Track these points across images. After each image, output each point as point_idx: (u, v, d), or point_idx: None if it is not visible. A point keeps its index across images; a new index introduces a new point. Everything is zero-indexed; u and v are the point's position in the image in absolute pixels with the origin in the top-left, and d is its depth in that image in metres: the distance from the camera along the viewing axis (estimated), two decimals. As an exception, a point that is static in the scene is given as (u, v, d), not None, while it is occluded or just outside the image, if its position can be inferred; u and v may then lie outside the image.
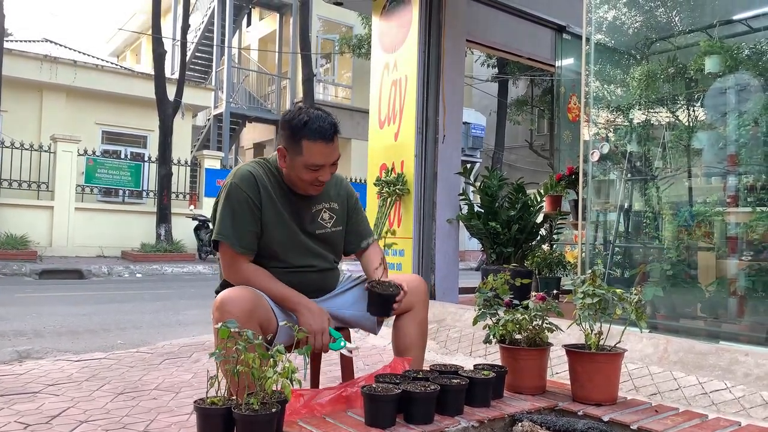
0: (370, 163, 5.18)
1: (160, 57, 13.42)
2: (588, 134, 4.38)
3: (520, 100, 20.77)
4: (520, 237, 4.55)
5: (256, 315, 1.91)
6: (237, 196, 2.06)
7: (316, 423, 1.75)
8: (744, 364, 2.58)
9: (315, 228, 2.18)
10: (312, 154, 2.02)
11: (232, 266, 2.07)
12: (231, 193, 2.07)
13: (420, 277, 2.38)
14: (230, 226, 2.04)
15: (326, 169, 2.08)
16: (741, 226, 3.77)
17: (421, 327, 2.27)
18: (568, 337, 2.73)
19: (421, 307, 2.26)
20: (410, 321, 2.24)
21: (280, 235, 2.11)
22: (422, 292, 2.28)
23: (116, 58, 28.05)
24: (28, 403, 2.54)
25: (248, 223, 2.05)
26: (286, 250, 2.12)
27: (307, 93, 14.79)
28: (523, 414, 1.98)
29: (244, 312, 1.86)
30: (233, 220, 2.05)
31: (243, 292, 1.94)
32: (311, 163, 2.03)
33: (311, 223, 2.18)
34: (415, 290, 2.25)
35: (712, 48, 4.02)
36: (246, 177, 2.09)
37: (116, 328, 5.13)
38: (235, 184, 2.08)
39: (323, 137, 2.02)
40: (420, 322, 2.25)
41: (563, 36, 6.49)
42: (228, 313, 1.83)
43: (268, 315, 1.99)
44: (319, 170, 2.06)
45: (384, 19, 5.19)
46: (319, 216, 2.20)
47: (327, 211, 2.22)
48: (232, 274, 2.08)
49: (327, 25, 20.02)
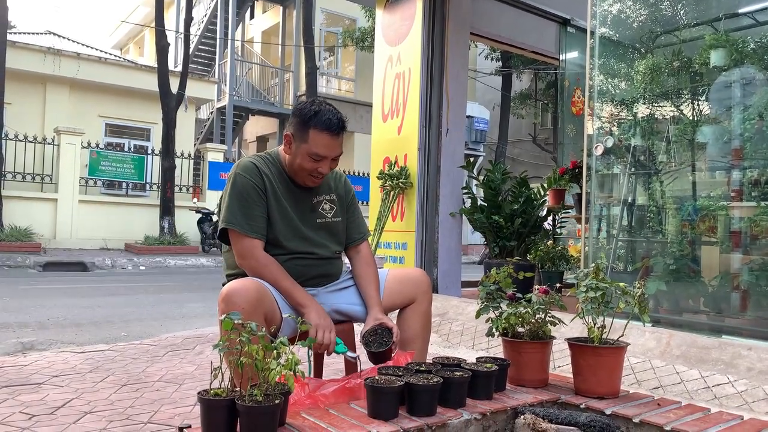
0: (373, 157, 5.18)
1: (163, 50, 13.41)
2: (592, 128, 4.37)
3: (523, 93, 20.73)
4: (523, 231, 4.54)
5: (261, 307, 1.91)
6: (243, 183, 2.10)
7: (320, 414, 1.76)
8: (747, 359, 2.58)
9: (316, 217, 2.22)
10: (317, 144, 2.08)
11: (246, 253, 2.07)
12: (236, 182, 2.11)
13: (422, 271, 2.40)
14: (239, 213, 2.07)
15: (327, 162, 2.13)
16: (745, 220, 3.75)
17: (424, 320, 2.28)
18: (570, 330, 2.73)
19: (424, 300, 2.27)
20: (413, 314, 2.25)
21: (281, 223, 2.13)
22: (425, 284, 2.30)
23: (119, 50, 28.05)
24: (32, 394, 2.56)
25: (256, 207, 2.09)
26: (288, 238, 2.14)
27: (310, 86, 14.77)
28: (525, 407, 1.99)
29: (250, 303, 1.86)
30: (241, 206, 2.08)
31: (248, 283, 1.94)
32: (314, 152, 2.08)
33: (312, 212, 2.22)
34: (418, 283, 2.27)
35: (718, 41, 3.99)
36: (249, 167, 2.14)
37: (120, 321, 5.14)
38: (240, 174, 2.12)
39: (330, 129, 2.09)
40: (423, 315, 2.27)
41: (568, 29, 6.46)
42: (234, 304, 1.83)
43: (272, 307, 1.99)
44: (320, 161, 2.11)
45: (388, 12, 5.17)
46: (320, 206, 2.24)
47: (327, 202, 2.27)
48: (246, 261, 2.07)
49: (330, 18, 19.96)
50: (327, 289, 2.25)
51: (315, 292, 2.18)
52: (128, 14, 26.08)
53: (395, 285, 2.28)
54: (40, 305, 5.89)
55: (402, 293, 2.27)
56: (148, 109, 15.20)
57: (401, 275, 2.33)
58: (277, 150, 2.24)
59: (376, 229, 4.97)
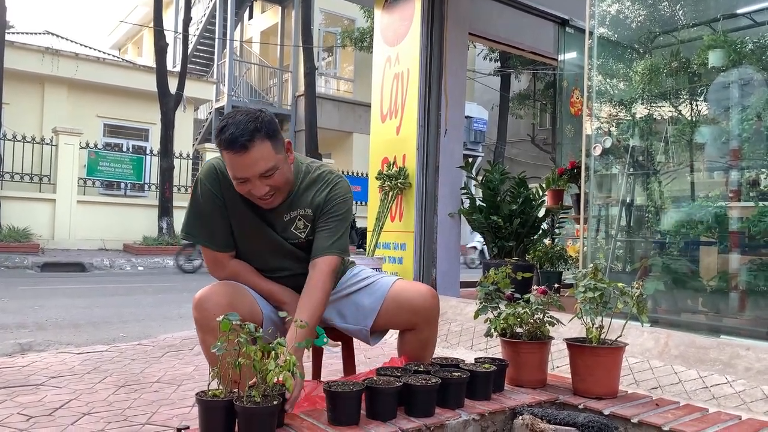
0: (371, 157, 5.17)
1: (161, 50, 13.40)
2: (590, 128, 4.37)
3: (522, 94, 20.73)
4: (521, 231, 4.54)
5: (235, 309, 1.77)
6: (201, 190, 1.93)
7: (318, 415, 1.76)
8: (745, 359, 2.58)
9: (287, 237, 1.98)
10: (228, 165, 1.80)
11: (214, 265, 2.00)
12: (196, 188, 1.95)
13: (430, 292, 2.07)
14: (197, 226, 1.96)
15: (254, 181, 1.80)
16: (743, 220, 3.76)
17: (425, 345, 2.11)
18: (569, 330, 2.73)
19: (425, 327, 2.06)
20: (413, 338, 2.09)
21: (248, 234, 1.97)
22: (428, 312, 2.04)
23: (118, 50, 28.03)
24: (30, 396, 2.55)
25: (215, 220, 1.94)
26: (255, 252, 2.00)
27: (308, 86, 14.77)
28: (523, 407, 1.99)
29: (221, 307, 1.78)
30: (200, 218, 1.95)
31: (219, 287, 1.89)
32: (232, 174, 1.81)
33: (283, 232, 1.98)
34: (419, 310, 2.03)
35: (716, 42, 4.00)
36: (209, 171, 1.94)
37: (118, 321, 5.14)
38: (200, 179, 1.94)
39: (230, 148, 1.75)
40: (423, 342, 2.10)
41: (566, 29, 6.46)
42: (205, 310, 1.79)
43: (251, 307, 1.94)
44: (244, 183, 1.81)
45: (386, 12, 5.17)
46: (293, 225, 1.98)
47: (301, 218, 1.98)
48: (216, 273, 2.01)
49: (329, 18, 19.95)
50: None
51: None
52: (127, 14, 26.05)
53: (393, 308, 2.04)
54: (38, 306, 5.88)
55: (400, 319, 2.06)
56: (146, 110, 15.18)
57: (403, 298, 2.04)
58: None
59: (375, 229, 4.97)
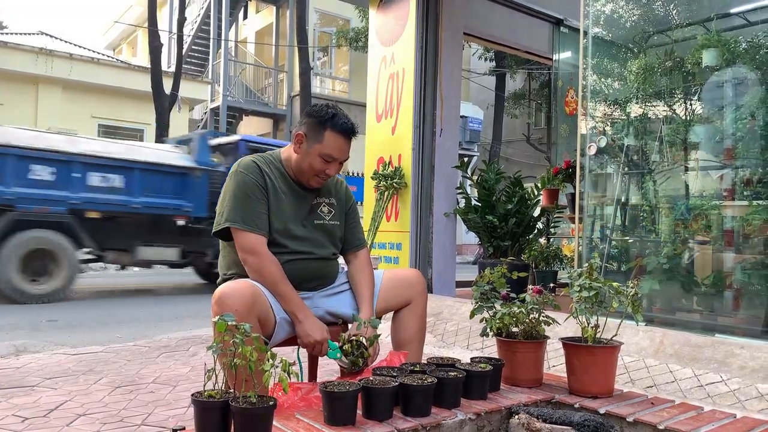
0: (367, 157, 5.17)
1: (156, 50, 13.37)
2: (585, 128, 4.38)
3: (517, 93, 20.75)
4: (517, 230, 4.56)
5: (255, 309, 1.90)
6: (244, 180, 2.10)
7: (314, 415, 1.76)
8: (739, 357, 2.59)
9: (314, 218, 2.24)
10: (330, 145, 2.13)
11: (250, 248, 2.04)
12: (237, 179, 2.11)
13: (418, 272, 2.42)
14: (241, 210, 2.07)
15: (335, 164, 2.18)
16: (737, 219, 3.77)
17: (420, 322, 2.30)
18: (564, 330, 2.74)
19: (420, 302, 2.29)
20: (409, 314, 2.27)
21: (281, 222, 2.14)
22: (420, 285, 2.32)
23: (112, 51, 27.91)
24: (25, 397, 2.54)
25: (259, 204, 2.10)
26: (286, 236, 2.14)
27: (304, 86, 14.74)
28: (519, 406, 1.99)
29: (244, 306, 1.85)
30: (243, 204, 2.07)
31: (242, 285, 1.93)
32: (327, 153, 2.13)
33: (310, 213, 2.23)
34: (413, 285, 2.30)
35: (710, 41, 4.01)
36: (250, 165, 2.15)
37: (113, 322, 5.12)
38: (241, 172, 2.13)
39: (345, 132, 2.16)
40: (418, 317, 2.29)
41: (561, 29, 6.48)
42: (227, 306, 1.82)
43: (266, 310, 1.98)
44: (330, 163, 2.15)
45: (381, 12, 5.17)
46: (319, 208, 2.26)
47: (327, 205, 2.28)
48: (250, 257, 2.04)
49: (324, 18, 19.93)
50: (322, 293, 2.24)
51: (310, 295, 2.18)
52: (121, 14, 25.94)
53: (390, 286, 2.29)
54: (33, 307, 5.86)
55: (397, 295, 2.28)
56: (141, 110, 15.13)
57: (396, 277, 2.34)
58: (278, 151, 2.26)
59: (371, 229, 4.97)
